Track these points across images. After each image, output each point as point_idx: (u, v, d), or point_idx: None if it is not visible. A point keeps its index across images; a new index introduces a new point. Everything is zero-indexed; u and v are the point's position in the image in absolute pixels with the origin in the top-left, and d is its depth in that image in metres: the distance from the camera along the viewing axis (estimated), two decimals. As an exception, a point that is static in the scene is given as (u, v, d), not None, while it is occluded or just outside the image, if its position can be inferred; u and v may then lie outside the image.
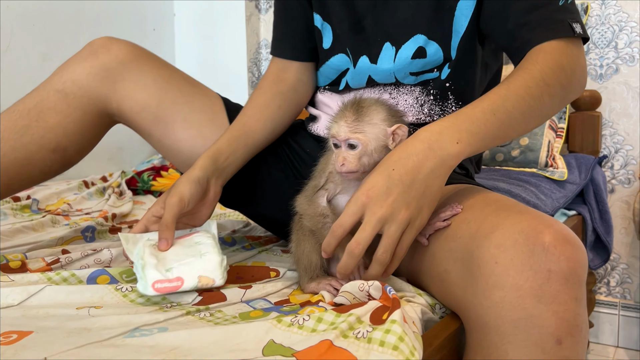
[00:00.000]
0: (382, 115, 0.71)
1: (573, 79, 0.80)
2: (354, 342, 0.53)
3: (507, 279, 0.58)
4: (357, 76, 0.98)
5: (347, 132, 0.70)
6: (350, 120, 0.70)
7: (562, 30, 0.79)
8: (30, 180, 0.93)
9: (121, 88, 0.94)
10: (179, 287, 0.74)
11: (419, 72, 0.94)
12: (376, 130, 0.71)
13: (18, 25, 1.91)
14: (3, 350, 0.56)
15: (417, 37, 0.91)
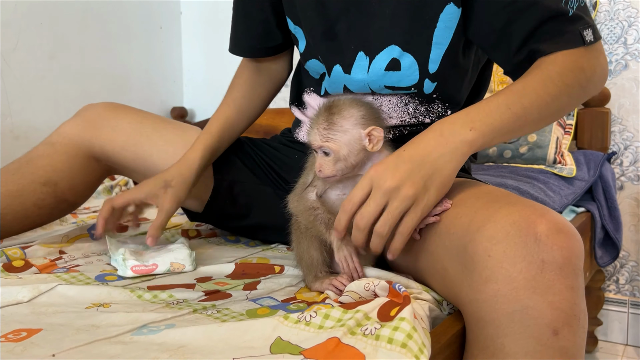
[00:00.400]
0: (354, 120, 0.71)
1: (593, 79, 0.79)
2: (362, 339, 0.52)
3: (500, 271, 0.58)
4: (333, 84, 0.96)
5: (319, 141, 0.71)
6: (321, 128, 0.71)
7: (572, 42, 0.77)
8: (25, 212, 0.97)
9: (101, 133, 1.02)
10: (154, 269, 0.88)
11: (394, 87, 0.90)
12: (347, 136, 0.70)
13: (26, 25, 1.92)
14: (12, 347, 0.56)
15: (392, 47, 0.87)
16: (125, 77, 2.34)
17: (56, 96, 2.05)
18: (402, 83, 0.90)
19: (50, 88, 2.03)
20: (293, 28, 1.00)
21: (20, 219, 0.97)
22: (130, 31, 2.34)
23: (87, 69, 2.16)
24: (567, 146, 1.62)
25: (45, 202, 0.98)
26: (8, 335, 0.59)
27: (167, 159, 1.03)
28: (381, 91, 0.92)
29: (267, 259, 0.98)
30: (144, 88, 2.43)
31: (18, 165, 0.99)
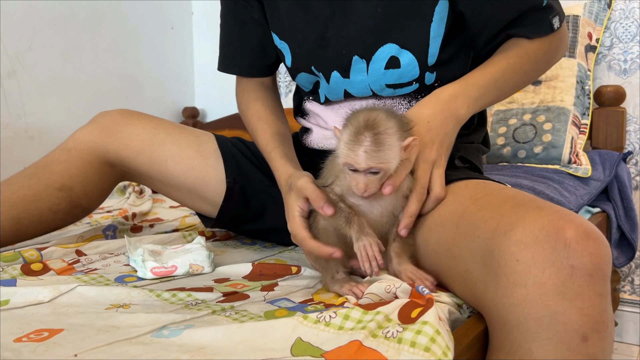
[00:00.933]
0: (397, 134, 0.70)
1: (557, 55, 0.94)
2: (384, 342, 0.52)
3: (528, 276, 0.57)
4: (333, 91, 0.97)
5: (368, 162, 0.68)
6: (370, 149, 0.68)
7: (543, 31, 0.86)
8: (40, 216, 0.98)
9: (116, 139, 1.03)
10: (173, 271, 0.89)
11: (396, 84, 0.92)
12: (394, 152, 0.69)
13: (39, 25, 1.94)
14: (35, 347, 0.57)
15: (389, 46, 0.88)
16: (137, 77, 2.35)
17: (69, 96, 2.06)
18: (403, 79, 0.91)
19: (64, 88, 2.04)
20: (279, 43, 1.00)
21: (36, 223, 0.98)
22: (141, 31, 2.35)
23: (100, 69, 2.17)
24: (582, 146, 1.60)
25: (60, 206, 0.99)
26: (30, 335, 0.60)
27: (181, 164, 1.04)
28: (382, 91, 0.93)
29: (284, 261, 0.97)
30: (156, 88, 2.44)
31: (34, 170, 1.00)
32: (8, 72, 1.85)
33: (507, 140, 1.62)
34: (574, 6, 1.71)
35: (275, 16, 0.98)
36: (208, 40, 2.59)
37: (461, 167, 0.95)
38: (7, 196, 0.95)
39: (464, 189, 0.77)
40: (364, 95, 0.95)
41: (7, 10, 1.83)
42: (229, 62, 1.10)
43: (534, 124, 1.59)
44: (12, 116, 1.88)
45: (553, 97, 1.60)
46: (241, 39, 1.07)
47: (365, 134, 0.68)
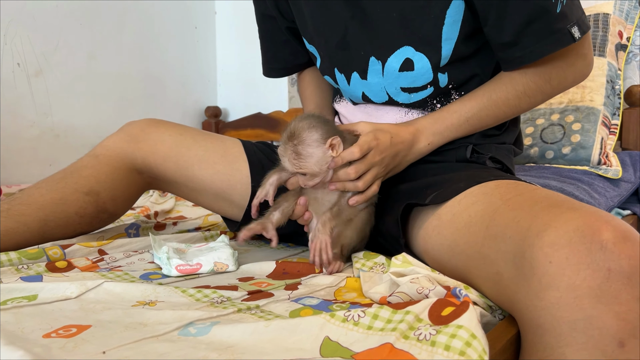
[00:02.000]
0: (316, 142, 0.82)
1: (561, 85, 0.90)
2: (416, 344, 0.51)
3: (562, 278, 0.56)
4: (353, 93, 0.99)
5: (292, 167, 0.84)
6: (291, 158, 0.83)
7: (563, 41, 0.82)
8: (67, 219, 0.99)
9: (143, 146, 1.05)
10: (198, 269, 0.89)
11: (410, 88, 0.92)
12: (315, 157, 0.82)
13: (66, 25, 1.96)
14: (64, 343, 0.57)
15: (404, 49, 0.90)
16: (161, 76, 2.37)
17: (94, 95, 2.09)
18: (416, 83, 0.91)
19: (89, 87, 2.06)
20: (309, 47, 1.03)
21: (62, 226, 0.99)
22: (165, 31, 2.37)
23: (124, 69, 2.20)
24: (611, 147, 1.57)
25: (87, 211, 1.01)
26: (59, 330, 0.60)
27: (207, 168, 1.06)
28: (398, 96, 0.94)
29: (307, 259, 0.97)
30: (179, 88, 2.46)
31: (63, 175, 1.02)
32: (35, 71, 1.88)
33: (535, 140, 1.59)
34: (605, 4, 1.67)
35: (301, 21, 1.00)
36: (231, 39, 2.61)
37: (492, 167, 0.93)
38: (35, 198, 0.97)
39: (494, 189, 0.75)
40: (380, 99, 0.96)
41: (35, 10, 1.86)
42: (268, 66, 1.18)
43: (563, 124, 1.56)
44: (39, 115, 1.91)
45: (582, 96, 1.57)
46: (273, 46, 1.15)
47: (287, 145, 0.83)
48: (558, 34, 0.81)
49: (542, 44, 0.82)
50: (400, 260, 0.73)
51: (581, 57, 0.88)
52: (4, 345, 0.52)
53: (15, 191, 1.61)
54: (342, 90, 1.02)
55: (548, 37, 0.82)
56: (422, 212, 0.86)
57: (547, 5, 0.80)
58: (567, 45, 0.82)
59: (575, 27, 0.82)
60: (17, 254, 0.89)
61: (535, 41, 0.82)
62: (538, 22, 0.81)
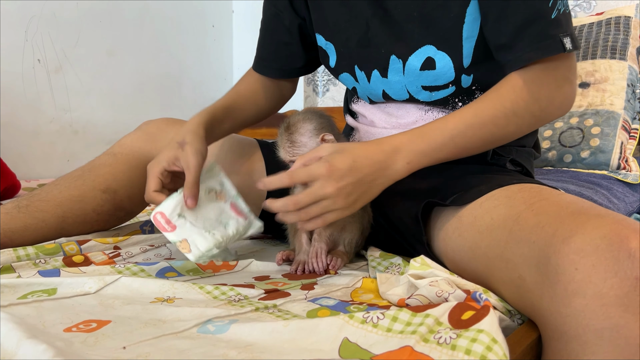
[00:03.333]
0: (309, 133, 0.87)
1: (548, 109, 0.83)
2: (436, 347, 0.51)
3: (588, 286, 0.55)
4: (373, 91, 0.98)
5: (288, 157, 0.88)
6: (287, 147, 0.88)
7: (553, 48, 0.79)
8: (84, 216, 1.00)
9: (160, 145, 1.03)
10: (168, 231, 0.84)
11: (432, 87, 0.91)
12: (308, 146, 0.87)
13: (86, 22, 1.98)
14: (85, 338, 0.57)
15: (426, 47, 0.88)
16: (178, 74, 2.38)
17: (113, 92, 2.10)
18: (438, 81, 0.90)
19: (108, 84, 2.08)
20: (324, 44, 1.01)
21: (80, 223, 1.00)
22: (183, 30, 2.38)
23: (142, 66, 2.21)
24: (631, 151, 1.55)
25: (104, 208, 1.02)
26: (79, 325, 0.61)
27: (224, 167, 1.05)
28: (419, 94, 0.92)
29: (323, 259, 0.97)
30: (196, 85, 2.47)
31: (81, 173, 1.03)
32: (55, 67, 1.90)
33: (553, 143, 1.57)
34: (626, 7, 1.65)
35: (321, 17, 0.99)
36: (248, 38, 2.61)
37: (513, 170, 0.92)
38: (53, 195, 0.98)
39: (517, 193, 0.74)
40: (401, 97, 0.95)
41: (56, 7, 1.88)
42: (262, 63, 1.12)
43: (582, 127, 1.54)
44: (58, 110, 1.93)
45: (602, 100, 1.55)
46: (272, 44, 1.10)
47: (283, 135, 0.88)
48: (549, 40, 0.79)
49: (533, 47, 0.79)
50: (419, 262, 0.73)
51: (568, 81, 0.84)
52: (27, 338, 0.53)
53: (34, 185, 1.63)
54: (361, 88, 1.01)
55: (540, 42, 0.79)
56: (442, 213, 0.85)
57: (543, 8, 0.78)
58: (556, 53, 0.79)
59: (568, 38, 0.79)
60: (35, 248, 0.90)
61: (527, 44, 0.80)
62: (532, 26, 0.79)
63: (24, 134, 1.83)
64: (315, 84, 2.53)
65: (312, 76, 2.51)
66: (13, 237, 0.91)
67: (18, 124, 1.81)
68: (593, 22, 1.65)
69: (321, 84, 2.53)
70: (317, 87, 2.53)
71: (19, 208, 0.94)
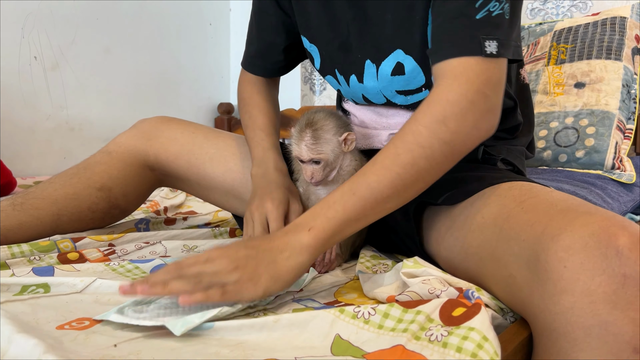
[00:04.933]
0: (333, 130, 0.85)
1: (460, 132, 0.70)
2: (428, 345, 0.51)
3: (577, 283, 0.55)
4: (355, 94, 0.97)
5: (309, 154, 0.84)
6: (309, 142, 0.84)
7: (469, 49, 0.70)
8: (79, 214, 1.00)
9: (155, 143, 1.06)
10: None
11: (405, 90, 0.90)
12: (331, 145, 0.85)
13: (83, 20, 1.98)
14: (76, 336, 0.57)
15: (396, 52, 0.87)
16: (175, 72, 2.38)
17: (109, 90, 2.10)
18: (410, 86, 0.89)
19: (104, 82, 2.08)
20: (309, 46, 1.00)
21: (75, 221, 1.00)
22: (180, 27, 2.38)
23: (139, 64, 2.21)
24: (626, 151, 1.55)
25: (99, 206, 1.02)
26: (72, 323, 0.61)
27: (219, 166, 1.06)
28: (394, 98, 0.92)
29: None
30: (193, 84, 2.47)
31: (76, 171, 1.03)
32: (52, 64, 1.90)
33: (548, 143, 1.58)
34: (622, 8, 1.66)
35: (304, 20, 0.98)
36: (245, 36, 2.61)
37: (504, 169, 0.92)
38: (48, 193, 0.98)
39: (508, 191, 0.75)
40: (379, 101, 0.95)
41: (53, 4, 1.88)
42: (250, 61, 1.11)
43: (577, 127, 1.55)
44: (54, 108, 1.92)
45: (597, 100, 1.55)
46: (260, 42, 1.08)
47: (306, 131, 0.84)
48: (466, 39, 0.71)
49: (449, 45, 0.72)
50: (412, 262, 0.73)
51: (483, 96, 0.70)
52: (18, 332, 0.53)
53: (30, 183, 1.62)
54: (342, 91, 1.01)
55: (454, 39, 0.72)
56: (434, 212, 0.85)
57: (467, 7, 0.72)
58: (470, 55, 0.70)
59: (494, 43, 0.70)
60: (29, 245, 0.90)
61: (444, 42, 0.73)
62: (451, 23, 0.73)
63: (20, 131, 1.83)
64: (312, 83, 2.53)
65: (309, 75, 2.51)
66: (8, 234, 0.91)
67: (14, 121, 1.81)
68: (589, 23, 1.65)
69: (318, 83, 2.53)
70: (314, 85, 2.53)
71: (14, 206, 0.94)
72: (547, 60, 1.67)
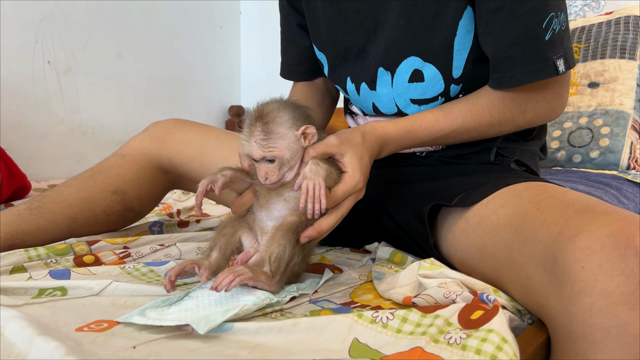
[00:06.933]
0: (287, 123, 0.72)
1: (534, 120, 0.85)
2: (447, 347, 0.51)
3: (595, 284, 0.55)
4: (364, 104, 0.97)
5: (260, 151, 0.71)
6: (260, 138, 0.71)
7: (544, 72, 0.78)
8: (95, 217, 1.01)
9: (169, 146, 1.06)
10: None
11: (420, 99, 0.89)
12: (286, 140, 0.72)
13: (95, 24, 1.99)
14: (95, 338, 0.58)
15: (411, 59, 0.86)
16: (186, 75, 2.39)
17: (121, 94, 2.11)
18: (427, 94, 0.89)
19: (116, 85, 2.09)
20: (318, 54, 1.01)
21: (90, 225, 1.01)
22: (191, 31, 2.39)
23: (150, 68, 2.22)
24: (641, 151, 1.53)
25: (114, 209, 1.02)
26: (91, 325, 0.61)
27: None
28: (407, 108, 0.91)
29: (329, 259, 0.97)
30: (203, 86, 2.48)
31: (91, 174, 1.04)
32: (65, 68, 1.91)
33: (562, 144, 1.56)
34: (636, 6, 1.64)
35: (314, 28, 0.98)
36: (255, 39, 2.62)
37: (518, 170, 0.92)
38: (64, 197, 0.99)
39: (523, 192, 0.74)
40: (389, 110, 0.94)
41: (67, 8, 1.90)
42: (287, 69, 1.13)
43: (591, 127, 1.53)
44: (67, 112, 1.94)
45: (612, 100, 1.54)
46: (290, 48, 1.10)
47: (256, 125, 0.72)
48: (541, 63, 0.77)
49: (524, 71, 0.78)
50: (428, 263, 0.73)
51: (558, 96, 0.84)
52: (38, 335, 0.53)
53: (44, 186, 1.64)
54: (351, 100, 1.01)
55: (531, 65, 0.78)
56: (449, 214, 0.85)
57: (536, 30, 0.76)
58: (548, 77, 0.78)
59: (562, 60, 0.77)
60: (46, 249, 0.90)
61: (517, 66, 0.78)
62: (522, 47, 0.77)
63: (34, 135, 1.85)
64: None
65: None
66: (25, 238, 0.91)
67: (28, 125, 1.83)
68: (602, 22, 1.64)
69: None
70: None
71: (31, 209, 0.95)
72: (559, 60, 1.66)
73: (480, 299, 0.59)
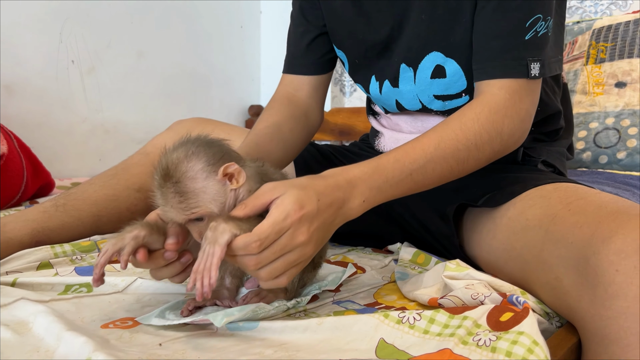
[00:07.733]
0: (202, 173, 0.60)
1: (509, 142, 0.77)
2: (476, 349, 0.50)
3: (630, 287, 0.54)
4: (387, 102, 0.95)
5: (182, 216, 0.60)
6: (175, 202, 0.59)
7: (516, 71, 0.75)
8: (119, 215, 1.01)
9: None
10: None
11: (444, 95, 0.88)
12: (208, 193, 0.60)
13: (118, 23, 2.01)
14: (121, 334, 0.58)
15: (434, 54, 0.85)
16: (207, 75, 2.40)
17: (143, 92, 2.13)
18: (450, 90, 0.87)
19: (138, 84, 2.11)
20: (338, 52, 1.00)
21: (114, 222, 1.02)
22: (212, 30, 2.40)
23: (171, 67, 2.24)
24: (670, 152, 1.50)
25: (138, 207, 1.03)
26: (116, 322, 0.61)
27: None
28: (431, 104, 0.90)
29: (351, 259, 0.96)
30: (224, 86, 2.49)
31: (114, 172, 1.05)
32: (88, 68, 1.94)
33: (588, 144, 1.54)
34: (664, 4, 1.61)
35: (334, 27, 0.97)
36: (276, 39, 2.62)
37: (545, 170, 0.90)
38: (89, 194, 1.00)
39: (553, 193, 0.73)
40: (413, 107, 0.93)
41: (90, 8, 1.92)
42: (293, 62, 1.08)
43: (618, 128, 1.50)
44: (90, 110, 1.96)
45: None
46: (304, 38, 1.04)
47: (166, 186, 0.60)
48: (514, 61, 0.75)
49: (496, 65, 0.76)
50: (454, 264, 0.72)
51: (529, 115, 0.79)
52: (66, 330, 0.54)
53: (67, 184, 1.66)
54: (373, 98, 0.99)
55: (503, 60, 0.76)
56: (475, 214, 0.84)
57: (519, 26, 0.75)
58: (517, 77, 0.75)
59: (537, 64, 0.75)
60: (71, 246, 0.92)
61: (492, 59, 0.77)
62: (502, 40, 0.76)
63: (57, 133, 1.87)
64: (342, 84, 2.53)
65: (340, 76, 2.50)
66: (51, 234, 0.93)
67: (52, 123, 1.85)
68: (629, 21, 1.61)
69: (348, 84, 2.52)
70: (344, 87, 2.53)
71: (57, 207, 0.96)
72: (585, 60, 1.63)
73: (509, 301, 0.58)
